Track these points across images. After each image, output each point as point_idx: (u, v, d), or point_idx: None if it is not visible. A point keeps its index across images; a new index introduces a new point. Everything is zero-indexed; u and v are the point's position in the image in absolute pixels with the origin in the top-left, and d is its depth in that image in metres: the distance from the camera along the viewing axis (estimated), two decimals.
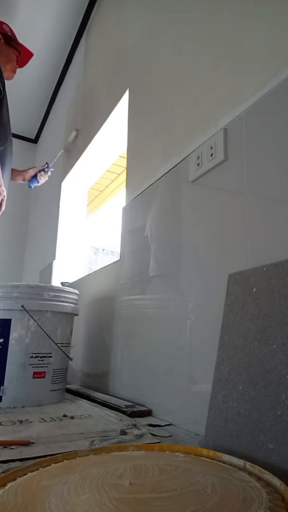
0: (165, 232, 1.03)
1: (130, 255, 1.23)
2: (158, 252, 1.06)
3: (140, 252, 1.15)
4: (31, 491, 0.40)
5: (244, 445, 0.52)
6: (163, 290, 1.01)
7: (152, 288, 1.07)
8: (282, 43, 0.71)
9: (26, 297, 1.08)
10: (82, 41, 2.11)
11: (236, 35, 0.85)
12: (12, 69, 1.60)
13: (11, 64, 1.59)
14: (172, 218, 1.01)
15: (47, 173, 1.75)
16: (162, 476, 0.43)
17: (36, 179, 1.73)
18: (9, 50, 1.58)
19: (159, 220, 1.07)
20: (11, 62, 1.59)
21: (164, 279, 1.01)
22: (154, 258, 1.07)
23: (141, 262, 1.14)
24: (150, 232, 1.11)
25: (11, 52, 1.59)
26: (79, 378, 1.48)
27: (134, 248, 1.20)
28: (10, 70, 1.59)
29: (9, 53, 1.58)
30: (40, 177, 1.73)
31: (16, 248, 2.95)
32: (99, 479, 0.42)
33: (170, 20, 1.16)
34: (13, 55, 1.59)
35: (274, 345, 0.53)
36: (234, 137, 0.80)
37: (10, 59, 1.58)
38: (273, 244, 0.67)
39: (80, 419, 0.88)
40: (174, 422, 0.86)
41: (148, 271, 1.09)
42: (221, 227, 0.81)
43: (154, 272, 1.06)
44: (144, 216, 1.16)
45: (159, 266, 1.04)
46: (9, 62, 1.58)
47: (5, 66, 1.54)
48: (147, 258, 1.11)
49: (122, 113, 1.48)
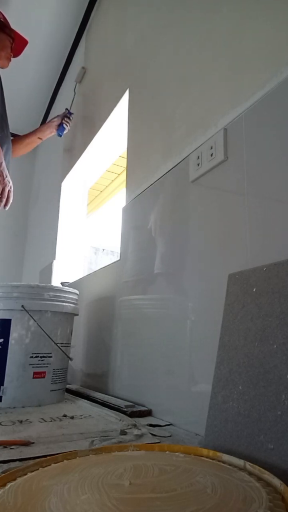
0: (165, 232, 1.03)
1: (130, 255, 1.23)
2: (157, 252, 1.06)
3: (140, 252, 1.15)
4: (31, 491, 0.40)
5: (244, 445, 0.52)
6: (163, 290, 1.01)
7: (152, 288, 1.07)
8: (282, 43, 0.71)
9: (26, 297, 1.08)
10: (82, 41, 2.11)
11: (236, 35, 0.85)
12: (6, 56, 1.54)
13: (5, 51, 1.53)
14: (172, 218, 1.01)
15: (70, 119, 1.78)
16: (162, 476, 0.43)
17: (63, 126, 1.77)
18: (2, 36, 1.52)
19: (159, 220, 1.07)
20: (5, 49, 1.52)
21: (164, 279, 1.01)
22: (151, 258, 1.07)
23: (141, 261, 1.14)
24: (150, 232, 1.11)
25: (4, 39, 1.52)
26: (79, 378, 1.48)
27: (134, 248, 1.20)
28: (4, 58, 1.53)
29: (2, 39, 1.52)
30: (66, 124, 1.76)
31: (16, 248, 2.95)
32: (99, 479, 0.42)
33: (170, 20, 1.16)
34: (7, 42, 1.53)
35: (274, 345, 0.53)
36: (234, 137, 0.80)
37: (4, 46, 1.52)
38: (273, 244, 0.67)
39: (80, 419, 0.88)
40: (174, 422, 0.86)
41: (148, 270, 1.09)
42: (221, 227, 0.81)
43: (158, 269, 1.06)
44: (144, 216, 1.16)
45: (158, 266, 1.04)
46: (3, 49, 1.52)
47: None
48: (147, 257, 1.11)
49: (122, 113, 1.48)
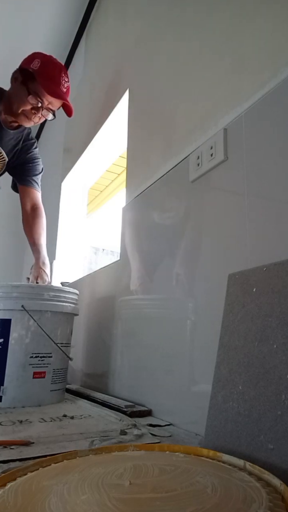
0: (164, 232, 1.03)
1: (130, 255, 1.22)
2: (157, 252, 1.06)
3: (140, 252, 1.15)
4: (31, 491, 0.40)
5: (244, 445, 0.52)
6: (163, 290, 1.01)
7: (152, 288, 1.07)
8: (282, 43, 0.71)
9: (26, 297, 1.08)
10: (82, 41, 2.11)
11: (236, 35, 0.85)
12: (26, 115, 1.24)
13: (23, 106, 1.22)
14: (172, 218, 1.00)
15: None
16: (162, 476, 0.43)
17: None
18: (20, 88, 1.22)
19: (159, 220, 1.07)
20: (22, 104, 1.22)
21: (164, 279, 1.01)
22: (152, 258, 1.07)
23: (141, 262, 1.14)
24: (150, 232, 1.11)
25: (20, 91, 1.22)
26: (79, 378, 1.48)
27: (135, 247, 1.20)
28: (22, 115, 1.25)
29: (17, 91, 1.23)
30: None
31: (16, 248, 2.94)
32: (99, 479, 0.42)
33: (170, 20, 1.16)
34: (23, 96, 1.22)
35: (274, 345, 0.53)
36: (234, 137, 0.80)
37: (20, 101, 1.23)
38: (273, 244, 0.67)
39: (80, 419, 0.88)
40: (174, 422, 0.86)
41: (148, 270, 1.09)
42: (221, 227, 0.81)
43: (158, 270, 1.06)
44: (144, 216, 1.16)
45: (158, 266, 1.04)
46: (20, 104, 1.23)
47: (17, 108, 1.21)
48: (147, 257, 1.11)
49: (122, 113, 1.48)
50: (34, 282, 1.25)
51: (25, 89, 1.21)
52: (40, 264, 1.29)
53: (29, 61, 1.24)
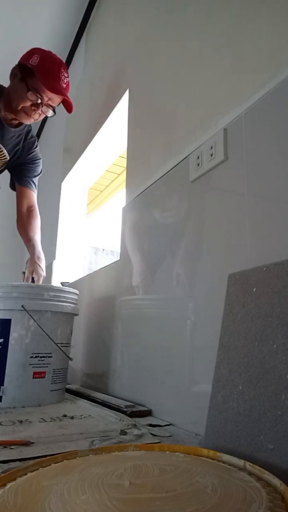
0: (164, 232, 1.03)
1: (130, 255, 1.22)
2: (157, 252, 1.06)
3: (140, 252, 1.15)
4: (31, 491, 0.40)
5: (244, 445, 0.52)
6: (163, 290, 1.01)
7: (152, 288, 1.07)
8: (282, 43, 0.71)
9: (26, 297, 1.08)
10: (82, 41, 2.11)
11: (236, 35, 0.85)
12: (26, 112, 1.23)
13: (23, 103, 1.21)
14: (172, 218, 1.00)
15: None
16: (162, 476, 0.43)
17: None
18: (19, 85, 1.20)
19: (159, 220, 1.07)
20: (22, 101, 1.21)
21: (164, 279, 1.01)
22: (153, 258, 1.07)
23: (141, 262, 1.14)
24: (150, 232, 1.11)
25: (19, 87, 1.20)
26: (79, 378, 1.48)
27: (135, 247, 1.20)
28: (22, 113, 1.24)
29: (16, 87, 1.21)
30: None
31: (16, 248, 2.94)
32: (99, 479, 0.42)
33: (170, 20, 1.16)
34: (22, 92, 1.20)
35: (274, 345, 0.53)
36: (234, 137, 0.80)
37: (20, 97, 1.21)
38: (273, 244, 0.67)
39: (80, 419, 0.88)
40: (174, 422, 0.86)
41: (148, 270, 1.09)
42: (221, 227, 0.81)
43: (158, 270, 1.06)
44: (144, 216, 1.16)
45: (158, 266, 1.04)
46: (20, 101, 1.21)
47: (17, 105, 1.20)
48: (147, 257, 1.11)
49: (122, 113, 1.48)
50: (30, 276, 1.25)
51: (24, 86, 1.20)
52: (35, 259, 1.30)
53: (28, 57, 1.22)
